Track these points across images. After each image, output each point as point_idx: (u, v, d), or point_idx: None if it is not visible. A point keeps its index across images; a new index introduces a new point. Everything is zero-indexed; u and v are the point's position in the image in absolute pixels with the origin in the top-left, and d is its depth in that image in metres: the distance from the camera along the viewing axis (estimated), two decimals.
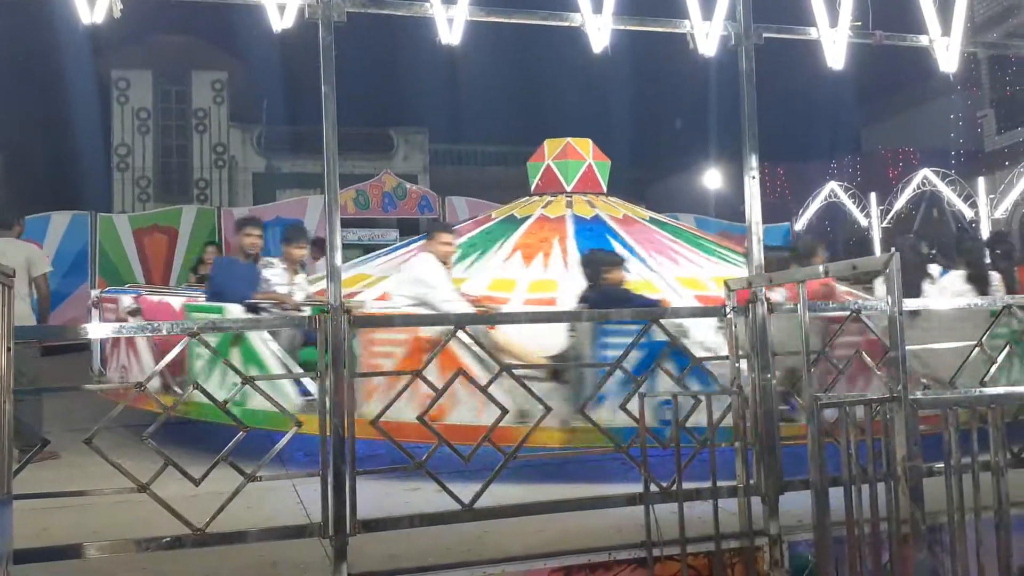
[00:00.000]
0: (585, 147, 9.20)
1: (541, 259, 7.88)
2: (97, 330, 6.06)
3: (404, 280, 6.34)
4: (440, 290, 6.11)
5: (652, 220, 9.33)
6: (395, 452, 4.07)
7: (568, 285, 7.16)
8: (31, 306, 6.61)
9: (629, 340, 4.37)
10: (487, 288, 7.29)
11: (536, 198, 9.18)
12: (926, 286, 7.08)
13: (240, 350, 5.61)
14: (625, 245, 8.18)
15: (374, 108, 27.81)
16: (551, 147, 9.21)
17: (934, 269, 7.52)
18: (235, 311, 5.88)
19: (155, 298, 7.18)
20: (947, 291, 6.79)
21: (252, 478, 3.82)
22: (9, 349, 3.29)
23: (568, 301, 6.84)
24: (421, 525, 4.03)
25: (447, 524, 4.05)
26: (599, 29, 4.43)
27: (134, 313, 6.82)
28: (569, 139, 9.17)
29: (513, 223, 8.62)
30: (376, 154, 26.01)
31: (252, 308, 6.07)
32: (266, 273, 6.77)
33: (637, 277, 7.21)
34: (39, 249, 7.43)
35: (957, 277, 6.97)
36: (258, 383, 4.03)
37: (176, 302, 6.74)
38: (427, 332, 5.19)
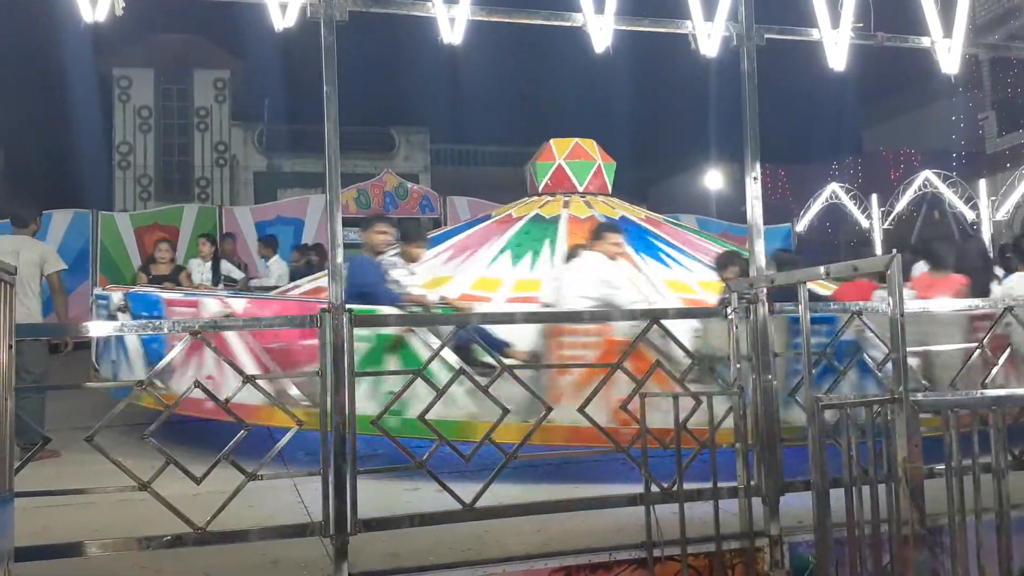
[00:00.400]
0: (592, 148, 9.22)
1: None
2: (99, 328, 6.05)
3: (583, 281, 6.13)
4: (625, 291, 6.04)
5: (666, 221, 9.41)
6: (396, 451, 4.08)
7: (647, 286, 7.17)
8: (41, 304, 6.60)
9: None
10: None
11: (549, 198, 9.13)
12: (993, 287, 7.28)
13: (400, 354, 5.35)
14: (670, 245, 8.24)
15: (376, 107, 27.85)
16: (560, 147, 9.18)
17: (999, 270, 7.74)
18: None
19: (242, 303, 6.53)
20: (1013, 291, 7.03)
21: (253, 477, 3.82)
22: (10, 347, 3.29)
23: (657, 299, 6.82)
24: (422, 524, 4.03)
25: (448, 524, 4.06)
26: (601, 29, 4.43)
27: None
28: (576, 139, 9.17)
29: (545, 222, 8.55)
30: (377, 153, 26.03)
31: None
32: (394, 274, 6.33)
33: (710, 278, 7.26)
34: (52, 248, 7.28)
35: (1022, 278, 7.24)
36: (260, 383, 4.04)
37: (238, 304, 6.25)
38: (619, 333, 5.06)
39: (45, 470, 5.12)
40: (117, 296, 7.17)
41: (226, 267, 11.10)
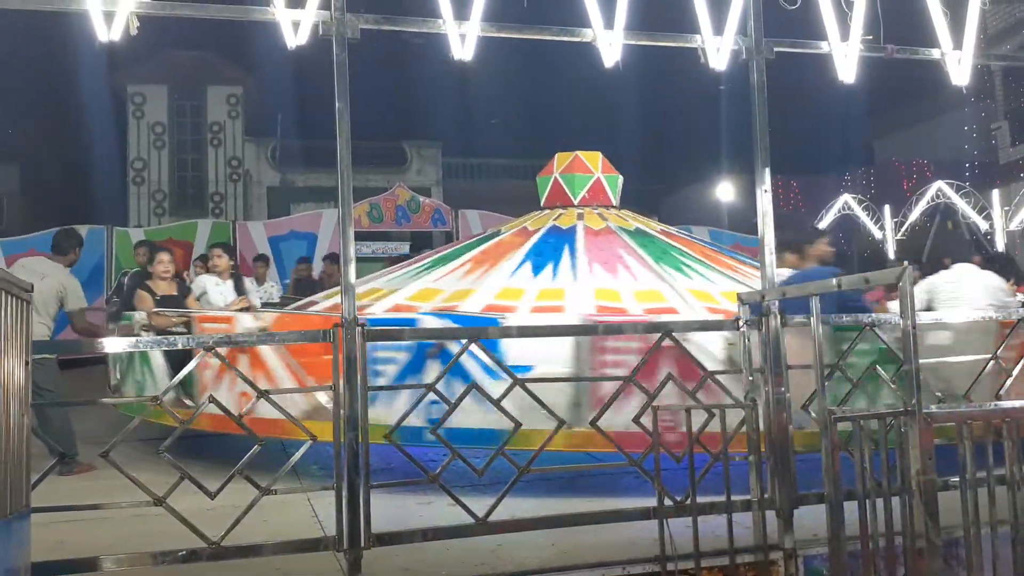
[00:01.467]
0: (594, 160, 9.23)
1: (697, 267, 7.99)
2: (112, 344, 6.07)
3: (989, 287, 6.30)
4: (1010, 299, 6.34)
5: (679, 233, 9.55)
6: (408, 465, 4.09)
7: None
8: (52, 332, 6.63)
9: None
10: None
11: (561, 210, 9.07)
12: None
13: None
14: (688, 256, 8.37)
15: (388, 122, 27.94)
16: (560, 160, 9.18)
17: None
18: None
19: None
20: None
21: (267, 491, 3.84)
22: (27, 363, 3.32)
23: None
24: (435, 539, 4.04)
25: (461, 538, 4.06)
26: (610, 44, 4.44)
27: None
28: (578, 152, 9.19)
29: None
30: (390, 168, 26.15)
31: None
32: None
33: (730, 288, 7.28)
34: (78, 282, 7.06)
35: None
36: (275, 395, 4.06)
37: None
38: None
39: (61, 485, 5.14)
40: None
41: (247, 286, 8.86)
